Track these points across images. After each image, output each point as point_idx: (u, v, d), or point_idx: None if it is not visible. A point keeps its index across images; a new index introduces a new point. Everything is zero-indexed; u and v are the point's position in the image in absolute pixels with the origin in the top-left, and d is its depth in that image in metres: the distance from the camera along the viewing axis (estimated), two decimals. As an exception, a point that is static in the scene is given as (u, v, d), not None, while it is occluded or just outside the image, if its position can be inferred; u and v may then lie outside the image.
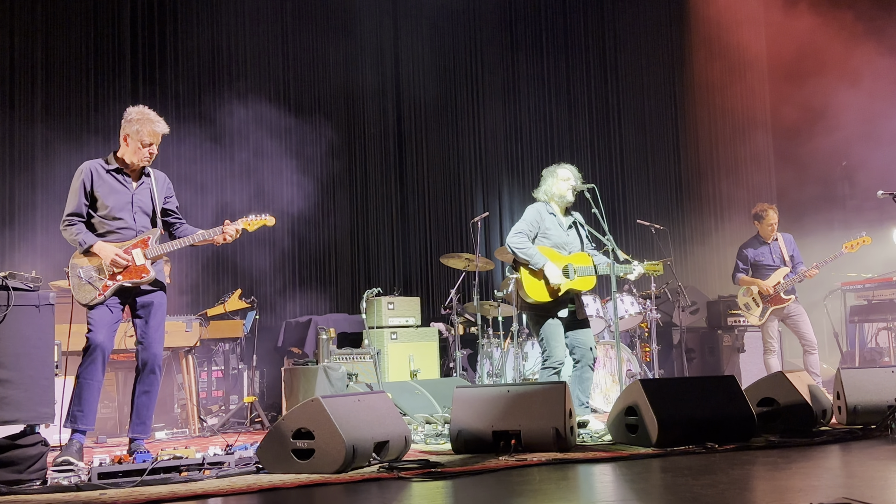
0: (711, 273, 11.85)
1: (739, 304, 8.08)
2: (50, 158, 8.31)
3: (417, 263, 10.77)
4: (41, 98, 8.50)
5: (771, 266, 7.90)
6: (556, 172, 6.08)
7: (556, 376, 5.80)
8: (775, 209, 8.05)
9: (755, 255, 7.99)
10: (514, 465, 4.31)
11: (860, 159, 10.93)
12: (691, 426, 4.77)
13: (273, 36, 10.11)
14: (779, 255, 7.95)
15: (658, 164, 12.23)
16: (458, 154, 11.18)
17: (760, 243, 8.01)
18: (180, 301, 8.36)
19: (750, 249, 8.04)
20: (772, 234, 7.97)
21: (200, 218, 8.72)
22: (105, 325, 4.80)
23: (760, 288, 7.81)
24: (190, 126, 8.94)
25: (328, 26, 10.50)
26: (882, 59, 10.56)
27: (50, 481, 4.12)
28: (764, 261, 7.95)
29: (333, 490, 3.86)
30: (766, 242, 7.98)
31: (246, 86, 9.58)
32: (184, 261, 8.82)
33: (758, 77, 12.66)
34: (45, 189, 8.20)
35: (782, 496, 3.29)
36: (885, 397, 5.30)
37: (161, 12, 9.27)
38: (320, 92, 10.40)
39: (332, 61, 10.48)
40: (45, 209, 8.15)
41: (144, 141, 4.94)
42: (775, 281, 7.79)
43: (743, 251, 8.07)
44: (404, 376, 8.15)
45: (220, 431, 6.92)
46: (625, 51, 12.25)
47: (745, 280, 7.99)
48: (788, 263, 7.87)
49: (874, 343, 9.70)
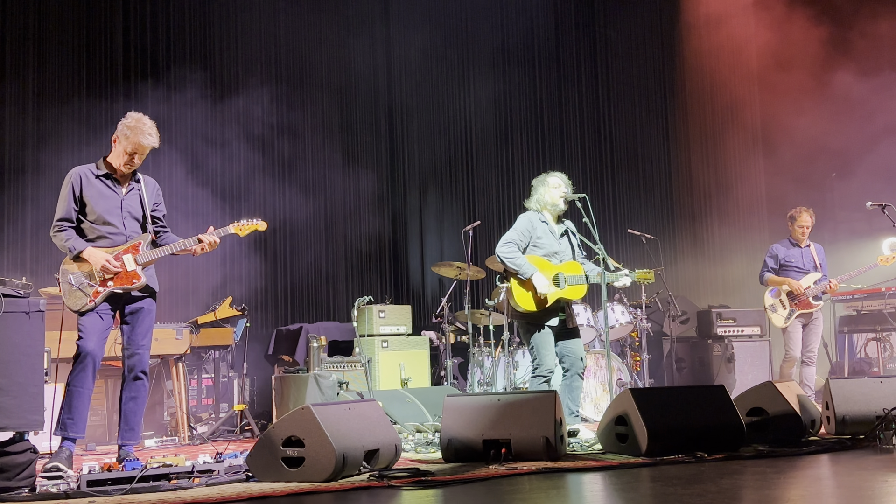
0: (702, 283, 11.90)
1: (765, 304, 7.86)
2: (40, 163, 8.28)
3: (409, 272, 10.78)
4: (32, 98, 8.49)
5: (800, 269, 7.72)
6: (547, 181, 6.10)
7: (546, 384, 5.82)
8: (811, 213, 7.84)
9: (786, 256, 7.80)
10: (504, 474, 4.31)
11: (849, 170, 11.01)
12: (681, 435, 4.78)
13: (266, 39, 10.12)
14: (810, 260, 7.79)
15: (649, 174, 12.27)
16: (450, 162, 11.20)
17: (792, 245, 7.85)
18: (171, 308, 8.35)
19: (781, 249, 7.86)
20: (804, 237, 7.80)
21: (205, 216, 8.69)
22: (96, 333, 4.79)
23: (792, 287, 7.60)
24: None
25: (322, 39, 10.52)
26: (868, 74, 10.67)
27: (39, 489, 4.10)
28: (794, 263, 7.77)
29: (323, 498, 3.86)
30: (798, 245, 7.82)
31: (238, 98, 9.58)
32: (175, 267, 8.80)
33: (748, 87, 12.74)
34: (35, 195, 8.17)
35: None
36: (874, 408, 5.31)
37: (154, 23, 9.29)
38: (312, 102, 10.40)
39: (326, 70, 10.50)
40: (34, 215, 8.12)
41: (128, 149, 4.92)
42: (807, 284, 7.63)
43: (773, 250, 7.90)
44: (395, 385, 8.14)
45: (209, 439, 6.90)
46: (616, 58, 12.30)
47: (773, 280, 7.78)
48: (820, 270, 7.71)
49: (863, 353, 9.76)
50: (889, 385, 5.52)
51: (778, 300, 7.73)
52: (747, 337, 9.05)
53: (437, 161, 11.12)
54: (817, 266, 7.75)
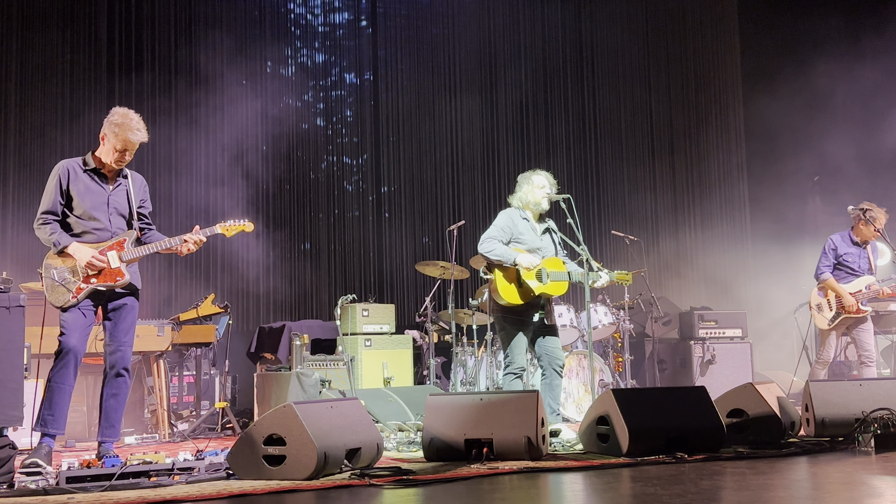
0: (684, 285, 11.95)
1: (811, 303, 7.54)
2: (22, 157, 8.23)
3: (393, 271, 10.77)
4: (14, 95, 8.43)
5: (854, 272, 7.38)
6: (532, 179, 6.11)
7: (518, 381, 5.88)
8: (885, 213, 7.35)
9: (845, 254, 7.39)
10: (486, 474, 4.32)
11: (832, 175, 11.09)
12: (662, 436, 4.80)
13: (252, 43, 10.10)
14: (865, 261, 7.42)
15: (633, 174, 12.31)
16: (435, 161, 11.21)
17: (853, 243, 7.43)
18: (153, 305, 8.31)
19: (842, 244, 7.41)
20: (873, 238, 7.40)
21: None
22: (78, 329, 4.76)
23: (845, 304, 7.20)
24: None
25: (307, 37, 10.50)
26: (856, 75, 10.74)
27: (17, 485, 4.08)
28: (850, 262, 7.39)
29: (304, 497, 3.85)
30: (860, 244, 7.43)
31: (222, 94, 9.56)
32: (158, 264, 8.76)
33: (732, 89, 12.81)
34: (17, 189, 8.12)
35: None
36: (853, 410, 5.36)
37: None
38: (299, 103, 10.39)
39: (311, 68, 10.48)
40: (16, 209, 8.07)
41: (118, 146, 4.90)
42: (857, 289, 7.28)
43: (832, 243, 7.45)
44: (378, 383, 8.14)
45: (190, 437, 6.87)
46: (602, 58, 12.33)
47: (830, 284, 7.33)
48: (874, 273, 7.39)
49: (843, 357, 9.81)
50: (868, 388, 5.57)
51: (825, 300, 7.42)
52: (729, 339, 9.11)
53: (421, 159, 11.12)
54: (872, 268, 7.41)
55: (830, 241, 7.51)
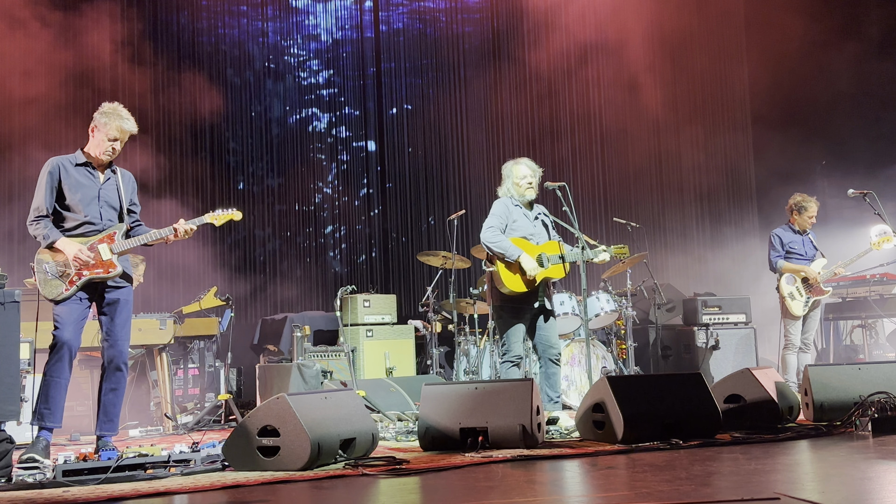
0: (687, 271, 11.91)
1: (783, 292, 7.70)
2: (14, 155, 8.28)
3: (394, 261, 10.79)
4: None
5: (802, 256, 7.71)
6: (513, 172, 6.13)
7: (516, 369, 5.93)
8: (816, 201, 7.80)
9: (790, 242, 7.75)
10: (480, 462, 4.34)
11: (839, 159, 11.02)
12: (657, 423, 4.80)
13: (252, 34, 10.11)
14: (811, 247, 7.78)
15: (637, 161, 12.25)
16: (437, 150, 11.19)
17: (794, 232, 7.81)
18: (156, 298, 8.36)
19: (785, 234, 7.79)
20: (810, 226, 7.78)
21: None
22: (72, 322, 4.79)
23: (809, 275, 7.54)
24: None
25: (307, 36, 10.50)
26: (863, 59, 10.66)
27: (15, 479, 4.12)
28: (797, 249, 7.73)
29: (298, 487, 3.88)
30: (800, 233, 7.80)
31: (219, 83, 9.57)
32: (160, 257, 8.80)
33: (738, 73, 12.72)
34: (10, 186, 8.17)
35: (730, 490, 3.32)
36: (852, 394, 5.33)
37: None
38: (299, 91, 10.39)
39: (314, 64, 10.49)
40: (10, 206, 8.12)
41: (110, 135, 4.94)
42: (818, 269, 7.59)
43: (777, 235, 7.80)
44: (380, 374, 8.16)
45: (194, 429, 6.91)
46: (606, 41, 12.24)
47: (789, 267, 7.66)
48: (821, 257, 7.71)
49: (849, 341, 9.77)
50: (867, 372, 5.55)
51: (795, 288, 7.64)
52: (733, 324, 9.07)
53: (423, 149, 11.11)
54: (819, 253, 7.74)
55: (774, 234, 7.86)
